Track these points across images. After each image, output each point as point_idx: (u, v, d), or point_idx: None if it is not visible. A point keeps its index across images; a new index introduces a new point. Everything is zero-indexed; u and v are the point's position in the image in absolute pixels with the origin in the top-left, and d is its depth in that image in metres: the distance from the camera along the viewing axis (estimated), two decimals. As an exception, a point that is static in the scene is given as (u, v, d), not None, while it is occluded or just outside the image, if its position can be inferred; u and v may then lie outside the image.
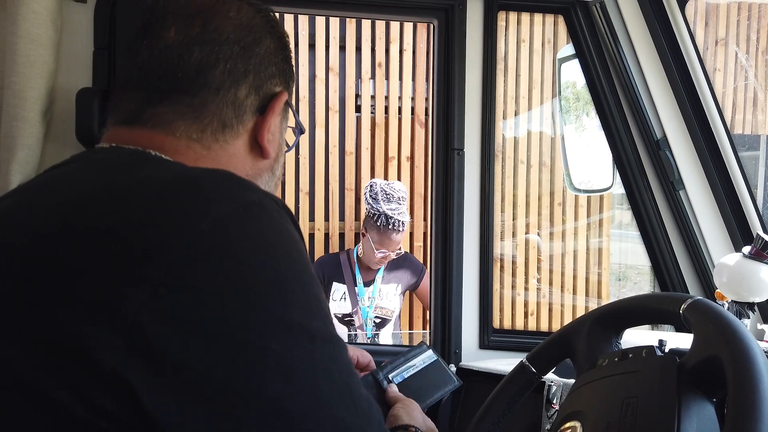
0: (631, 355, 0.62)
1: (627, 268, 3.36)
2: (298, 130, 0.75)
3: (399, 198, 2.28)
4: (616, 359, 0.63)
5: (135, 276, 0.42)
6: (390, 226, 2.22)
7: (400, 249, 2.33)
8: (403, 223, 2.24)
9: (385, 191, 2.28)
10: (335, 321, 2.36)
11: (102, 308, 0.41)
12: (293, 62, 0.70)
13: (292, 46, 0.71)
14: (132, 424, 0.41)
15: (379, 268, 2.35)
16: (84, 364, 0.41)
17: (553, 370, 1.11)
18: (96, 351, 0.41)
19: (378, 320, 2.37)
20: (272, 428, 0.43)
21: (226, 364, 0.42)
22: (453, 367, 1.35)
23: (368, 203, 2.30)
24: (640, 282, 3.33)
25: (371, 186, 2.34)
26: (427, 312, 2.51)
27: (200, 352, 0.41)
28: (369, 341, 2.36)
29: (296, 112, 0.71)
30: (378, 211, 2.24)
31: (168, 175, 0.51)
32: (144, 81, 0.59)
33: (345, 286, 2.35)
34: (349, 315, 2.35)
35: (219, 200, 0.47)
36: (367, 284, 2.36)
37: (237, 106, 0.61)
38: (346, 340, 2.37)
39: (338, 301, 2.35)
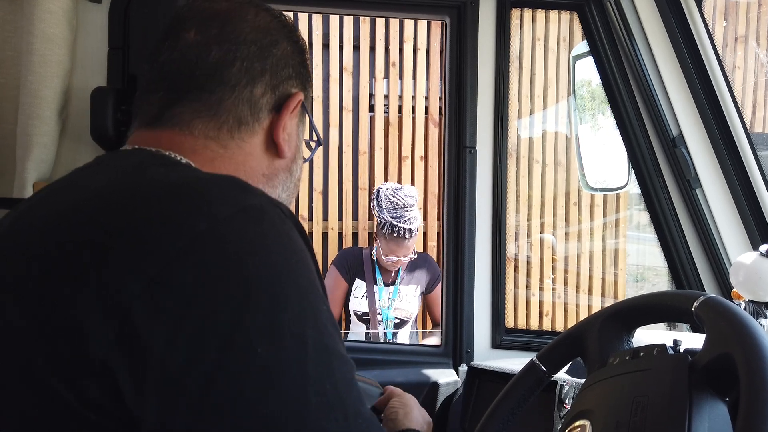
0: (642, 354, 0.61)
1: (645, 270, 3.32)
2: (317, 142, 0.76)
3: (404, 205, 2.22)
4: (628, 358, 0.62)
5: (132, 268, 0.43)
6: (395, 235, 2.19)
7: (414, 253, 2.32)
8: (409, 231, 2.20)
9: (390, 199, 2.23)
10: (354, 318, 2.36)
11: (101, 297, 0.42)
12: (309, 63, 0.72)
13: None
14: (118, 417, 0.41)
15: (398, 269, 2.35)
16: (78, 352, 0.42)
17: (565, 370, 1.10)
18: (89, 339, 0.41)
19: (397, 321, 2.37)
20: None
21: (210, 365, 0.41)
22: (464, 367, 1.35)
23: (374, 210, 2.29)
24: (659, 284, 3.28)
25: (377, 193, 2.30)
26: (435, 317, 2.48)
27: (185, 349, 0.41)
28: (388, 341, 2.35)
29: (312, 119, 0.72)
30: (383, 219, 2.21)
31: (175, 177, 0.52)
32: (164, 81, 0.61)
33: (366, 283, 2.35)
34: (368, 314, 2.35)
35: (220, 202, 0.47)
36: (387, 285, 2.35)
37: (253, 103, 0.62)
38: (363, 338, 2.37)
39: (359, 298, 2.35)
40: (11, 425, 0.43)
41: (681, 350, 0.59)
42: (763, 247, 0.98)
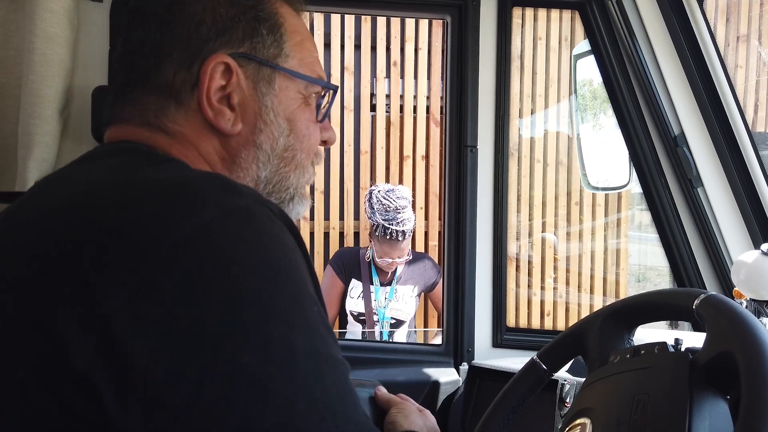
0: (643, 352, 0.60)
1: (647, 269, 3.31)
2: (325, 88, 0.65)
3: (396, 207, 2.20)
4: (628, 356, 0.62)
5: (115, 278, 0.41)
6: (388, 237, 2.19)
7: (409, 255, 2.31)
8: (402, 233, 2.19)
9: (382, 201, 2.21)
10: (351, 318, 2.35)
11: (82, 307, 0.41)
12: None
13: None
14: (104, 429, 0.40)
15: (395, 269, 2.34)
16: (61, 363, 0.40)
17: (566, 369, 1.10)
18: (71, 350, 0.40)
19: (393, 321, 2.36)
20: None
21: (195, 376, 0.40)
22: (465, 366, 1.35)
23: (366, 212, 2.28)
24: (661, 284, 3.28)
25: (369, 195, 2.29)
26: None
27: (168, 361, 0.39)
28: (384, 341, 2.35)
29: (292, 70, 0.61)
30: (375, 222, 2.21)
31: (161, 177, 0.49)
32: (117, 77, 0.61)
33: (362, 283, 2.35)
34: (364, 314, 2.35)
35: (204, 206, 0.45)
36: (384, 285, 2.35)
37: (167, 88, 0.57)
38: (359, 337, 2.37)
39: (355, 298, 2.34)
40: (9, 428, 0.42)
41: (682, 348, 0.59)
42: (764, 246, 0.98)
